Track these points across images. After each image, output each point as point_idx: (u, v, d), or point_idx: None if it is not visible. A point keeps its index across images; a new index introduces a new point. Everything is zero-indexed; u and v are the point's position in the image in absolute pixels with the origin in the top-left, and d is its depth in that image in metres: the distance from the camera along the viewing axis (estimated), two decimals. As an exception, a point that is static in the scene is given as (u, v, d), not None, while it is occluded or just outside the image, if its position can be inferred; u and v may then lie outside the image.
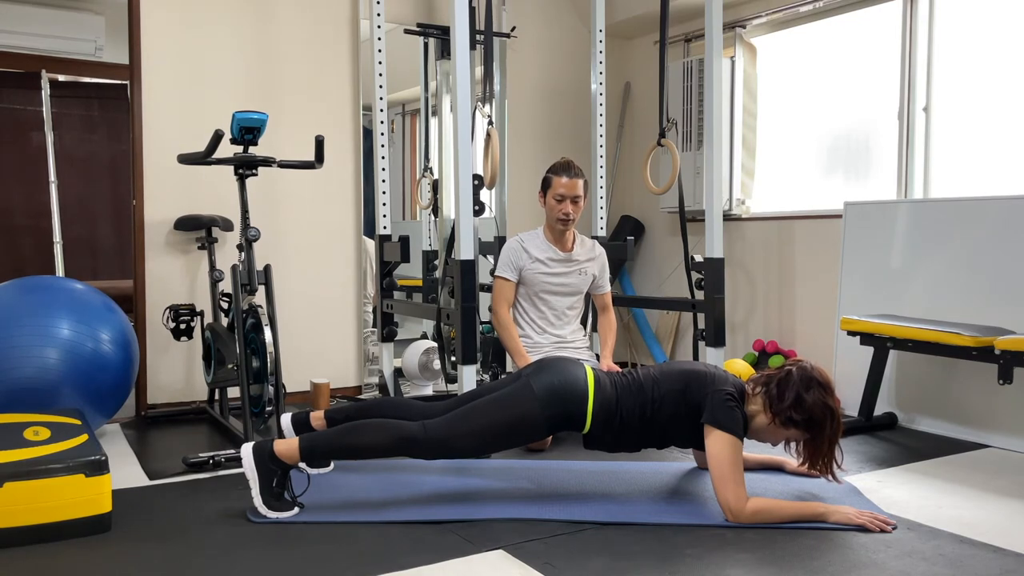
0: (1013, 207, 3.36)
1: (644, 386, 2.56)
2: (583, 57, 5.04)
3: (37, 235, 5.59)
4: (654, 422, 2.54)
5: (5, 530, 2.19)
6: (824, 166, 4.36)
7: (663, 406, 2.52)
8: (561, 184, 3.45)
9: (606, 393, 2.54)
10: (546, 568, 2.08)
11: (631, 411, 2.53)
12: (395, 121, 4.71)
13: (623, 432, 2.55)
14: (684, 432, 2.55)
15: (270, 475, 2.41)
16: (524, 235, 3.59)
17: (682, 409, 2.51)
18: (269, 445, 2.42)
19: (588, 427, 2.54)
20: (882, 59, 4.03)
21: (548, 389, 2.50)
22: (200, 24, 3.94)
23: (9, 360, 2.92)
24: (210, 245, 3.79)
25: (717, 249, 3.85)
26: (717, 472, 2.38)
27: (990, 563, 2.12)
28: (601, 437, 2.58)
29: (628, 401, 2.54)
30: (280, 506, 2.41)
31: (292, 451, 2.41)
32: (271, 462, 2.40)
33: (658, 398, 2.53)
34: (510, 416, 2.48)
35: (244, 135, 3.10)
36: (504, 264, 3.53)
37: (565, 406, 2.50)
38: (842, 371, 3.94)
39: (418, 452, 2.45)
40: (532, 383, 2.51)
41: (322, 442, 2.47)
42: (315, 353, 4.26)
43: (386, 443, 2.44)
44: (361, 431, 2.48)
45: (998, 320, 3.36)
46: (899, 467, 3.02)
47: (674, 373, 2.57)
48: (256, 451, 2.41)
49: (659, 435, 2.58)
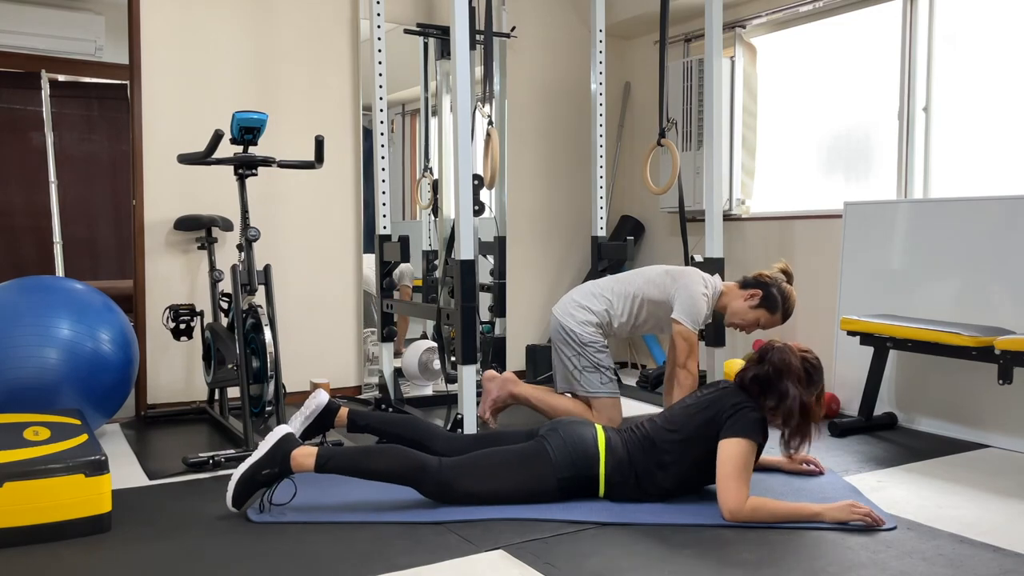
0: (1013, 207, 3.36)
1: (655, 441, 2.53)
2: (583, 57, 5.04)
3: (37, 235, 5.59)
4: (676, 469, 2.51)
5: (5, 530, 2.19)
6: (824, 166, 4.36)
7: (684, 452, 2.50)
8: (778, 323, 3.36)
9: (618, 454, 2.53)
10: (546, 568, 2.08)
11: (646, 467, 2.52)
12: (395, 121, 4.71)
13: (641, 488, 2.53)
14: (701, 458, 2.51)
15: (269, 465, 2.43)
16: (707, 290, 3.34)
17: (709, 446, 2.47)
18: (292, 446, 2.44)
19: (603, 491, 2.53)
20: (882, 59, 4.03)
21: (562, 452, 2.49)
22: (200, 24, 3.94)
23: (9, 360, 2.92)
24: (210, 245, 3.79)
25: (717, 249, 3.85)
26: (724, 469, 2.38)
27: (990, 563, 2.12)
28: (621, 494, 2.55)
29: (640, 457, 2.53)
30: (242, 494, 2.41)
31: (307, 460, 2.43)
32: (281, 459, 2.43)
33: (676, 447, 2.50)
34: (522, 478, 2.48)
35: (244, 135, 3.10)
36: (698, 317, 3.29)
37: (578, 470, 2.50)
38: (842, 371, 3.94)
39: (426, 488, 2.47)
40: (547, 446, 2.50)
41: (339, 459, 2.46)
42: (315, 353, 4.26)
43: (399, 471, 2.45)
44: (377, 456, 2.48)
45: (998, 320, 3.36)
46: (899, 467, 3.02)
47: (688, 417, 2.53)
48: (281, 441, 2.45)
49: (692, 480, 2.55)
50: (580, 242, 5.13)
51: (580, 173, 5.12)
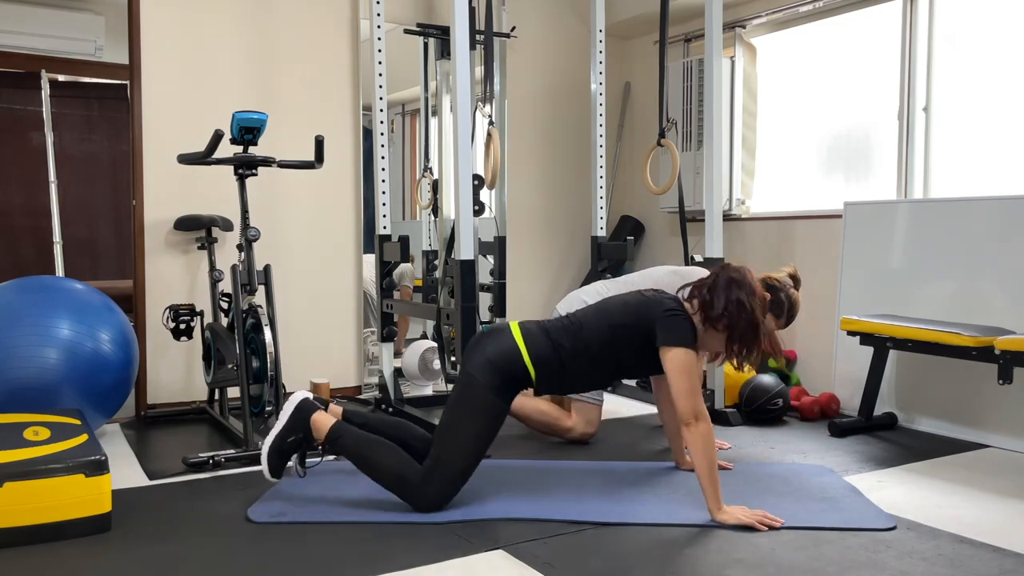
0: (1013, 207, 3.36)
1: (584, 325, 2.58)
2: (583, 57, 5.04)
3: (37, 235, 5.59)
4: (602, 357, 2.57)
5: (5, 530, 2.19)
6: (824, 166, 4.36)
7: (611, 340, 2.55)
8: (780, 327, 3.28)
9: (539, 341, 2.56)
10: (546, 568, 2.08)
11: (573, 352, 2.55)
12: (395, 121, 4.71)
13: (568, 373, 2.57)
14: (640, 361, 2.59)
15: (294, 432, 2.51)
16: None
17: (635, 339, 2.54)
18: (313, 409, 2.52)
19: (535, 378, 2.55)
20: (882, 59, 4.03)
21: (486, 369, 2.50)
22: (200, 24, 3.94)
23: (9, 360, 2.92)
24: (210, 245, 3.79)
25: (717, 249, 3.85)
26: (677, 384, 2.44)
27: (990, 563, 2.12)
28: (549, 382, 2.59)
29: (567, 343, 2.56)
30: (277, 464, 2.51)
31: (323, 428, 2.50)
32: (304, 424, 2.50)
33: (603, 334, 2.55)
34: (475, 417, 2.48)
35: (244, 135, 3.10)
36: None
37: (505, 373, 2.52)
38: (842, 371, 3.95)
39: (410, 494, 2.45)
40: (473, 376, 2.51)
41: (348, 439, 2.50)
42: (315, 353, 4.26)
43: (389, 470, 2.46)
44: (379, 449, 2.50)
45: (998, 320, 3.36)
46: (899, 467, 3.02)
47: (615, 307, 2.61)
48: (301, 405, 2.52)
49: (611, 370, 2.62)
50: (580, 242, 5.13)
51: (580, 173, 5.12)
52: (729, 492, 2.62)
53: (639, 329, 2.54)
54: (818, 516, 2.44)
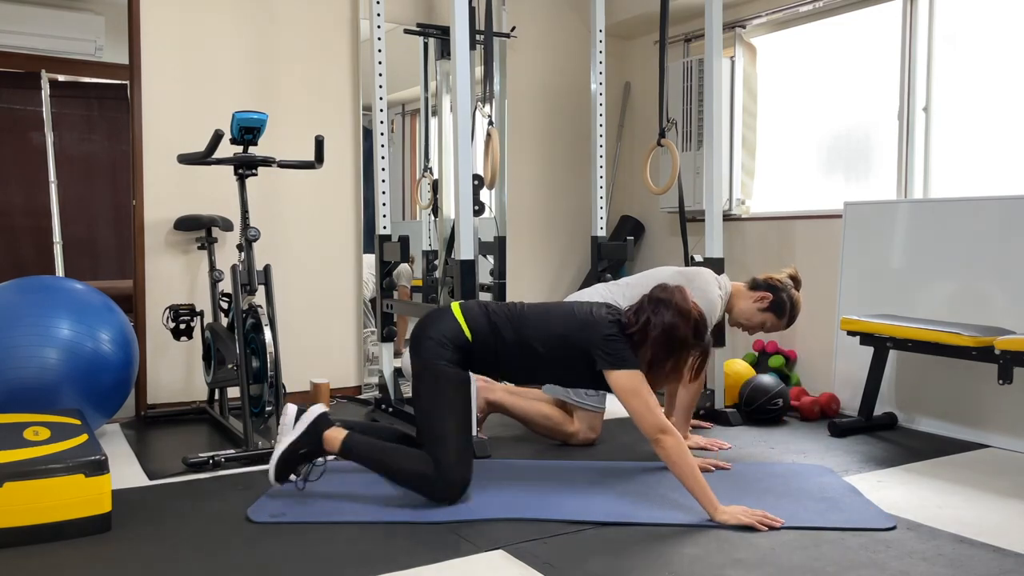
0: (1013, 207, 3.36)
1: (527, 323, 2.60)
2: (583, 57, 5.04)
3: (37, 235, 5.59)
4: (536, 359, 2.58)
5: (5, 530, 2.19)
6: (824, 166, 4.36)
7: (549, 348, 2.57)
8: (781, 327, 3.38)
9: (478, 319, 2.59)
10: (546, 568, 2.08)
11: (510, 342, 2.57)
12: (395, 121, 4.71)
13: (501, 361, 2.60)
14: (583, 377, 2.61)
15: (306, 445, 2.56)
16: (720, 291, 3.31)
17: (573, 354, 2.56)
18: (328, 426, 2.58)
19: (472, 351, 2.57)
20: (882, 59, 4.03)
21: (435, 348, 2.53)
22: (200, 24, 3.94)
23: (9, 360, 2.92)
24: (210, 245, 3.79)
25: (717, 249, 3.85)
26: (631, 406, 2.47)
27: (990, 563, 2.12)
28: (484, 360, 2.61)
29: (507, 333, 2.57)
30: (283, 472, 2.56)
31: (335, 441, 2.56)
32: (316, 439, 2.56)
33: (543, 339, 2.57)
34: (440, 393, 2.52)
35: (244, 135, 3.10)
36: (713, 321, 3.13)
37: (452, 345, 2.54)
38: (842, 371, 3.95)
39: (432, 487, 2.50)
40: (428, 360, 2.54)
41: (362, 448, 2.56)
42: (315, 353, 4.26)
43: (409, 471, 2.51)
44: (393, 454, 2.56)
45: (998, 320, 3.36)
46: (899, 467, 3.02)
47: (559, 316, 2.62)
48: (316, 421, 2.57)
49: (545, 373, 2.66)
50: (580, 242, 5.14)
51: (580, 173, 5.12)
52: (729, 492, 2.62)
53: (578, 347, 2.56)
54: (818, 516, 2.44)
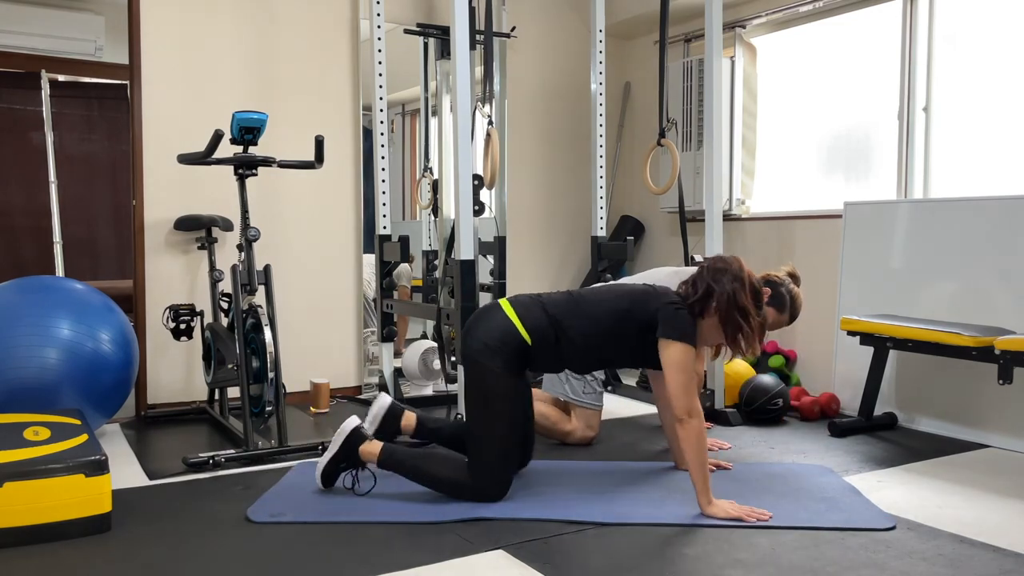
0: (1013, 207, 3.36)
1: (585, 305, 2.58)
2: (583, 57, 5.04)
3: (37, 235, 5.59)
4: (600, 339, 2.56)
5: (5, 530, 2.19)
6: (824, 166, 4.36)
7: (611, 323, 2.55)
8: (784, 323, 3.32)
9: (534, 313, 2.56)
10: (546, 568, 2.08)
11: (570, 329, 2.55)
12: (395, 121, 4.71)
13: (564, 350, 2.57)
14: (636, 350, 2.58)
15: (343, 460, 2.63)
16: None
17: (634, 326, 2.54)
18: (360, 440, 2.62)
19: (532, 350, 2.54)
20: (882, 59, 4.03)
21: (483, 351, 2.51)
22: (200, 24, 3.94)
23: (9, 360, 2.92)
24: (210, 245, 3.79)
25: (717, 249, 3.85)
26: (673, 380, 2.44)
27: (990, 563, 2.12)
28: (545, 357, 2.58)
29: (565, 320, 2.55)
30: (328, 481, 2.64)
31: (373, 453, 2.61)
32: (353, 453, 2.62)
33: (604, 316, 2.55)
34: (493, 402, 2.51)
35: (244, 135, 3.10)
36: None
37: (506, 348, 2.51)
38: (842, 371, 3.95)
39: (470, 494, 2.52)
40: (472, 357, 2.53)
41: (399, 456, 2.60)
42: (315, 353, 4.26)
43: (445, 479, 2.54)
44: (430, 461, 2.59)
45: (998, 320, 3.36)
46: (899, 467, 3.02)
47: (618, 292, 2.61)
48: (352, 434, 2.62)
49: (608, 354, 2.62)
50: (580, 242, 5.14)
51: (580, 173, 5.12)
52: (729, 492, 2.62)
53: (640, 316, 2.53)
54: (818, 516, 2.44)
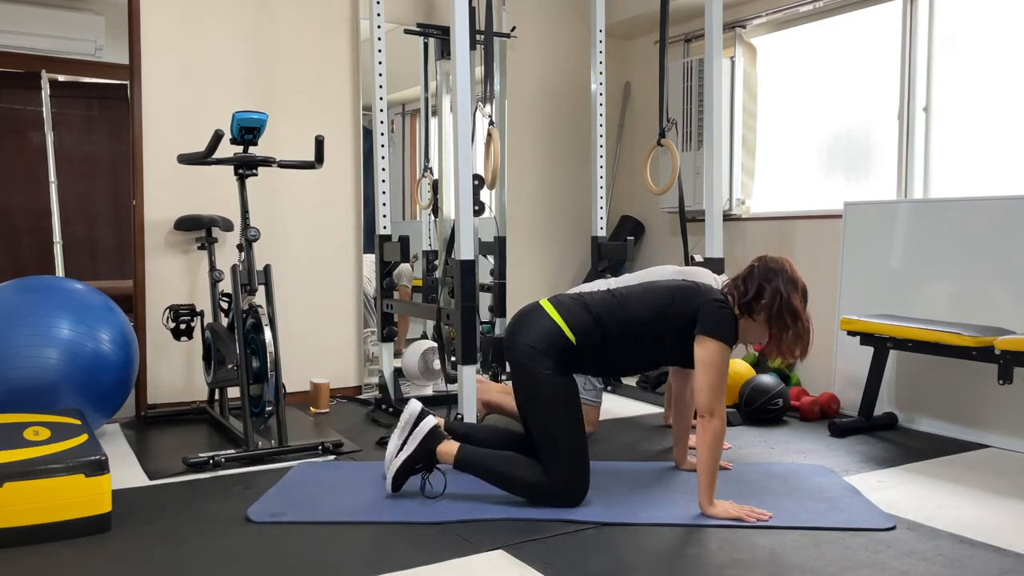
0: (1013, 207, 3.36)
1: (629, 303, 2.56)
2: (583, 57, 5.04)
3: (37, 235, 5.59)
4: (645, 338, 2.54)
5: (5, 530, 2.19)
6: (824, 166, 4.36)
7: (656, 321, 2.53)
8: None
9: (577, 313, 2.54)
10: (546, 568, 2.08)
11: (616, 328, 2.53)
12: (395, 121, 4.71)
13: (609, 350, 2.55)
14: (680, 348, 2.55)
15: (419, 460, 2.58)
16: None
17: (679, 323, 2.51)
18: (438, 440, 2.58)
19: (576, 351, 2.52)
20: (882, 59, 4.03)
21: (531, 354, 2.50)
22: (200, 24, 3.94)
23: (9, 360, 2.92)
24: (210, 245, 3.79)
25: (717, 249, 3.85)
26: (703, 377, 2.42)
27: (990, 563, 2.12)
28: (588, 358, 2.56)
29: (610, 319, 2.53)
30: (399, 483, 2.59)
31: (449, 453, 2.57)
32: (430, 454, 2.58)
33: (649, 314, 2.53)
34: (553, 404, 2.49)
35: (244, 135, 3.10)
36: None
37: (553, 349, 2.50)
38: (842, 371, 3.95)
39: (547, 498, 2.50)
40: (521, 361, 2.51)
41: (476, 457, 2.57)
42: (315, 353, 4.26)
43: (522, 482, 2.52)
44: (507, 464, 2.55)
45: (998, 320, 3.36)
46: (899, 467, 3.02)
47: (661, 288, 2.59)
48: (429, 434, 2.58)
49: (652, 354, 2.59)
50: (580, 242, 5.14)
51: (580, 173, 5.12)
52: (729, 492, 2.62)
53: (684, 313, 2.51)
54: (818, 516, 2.44)
